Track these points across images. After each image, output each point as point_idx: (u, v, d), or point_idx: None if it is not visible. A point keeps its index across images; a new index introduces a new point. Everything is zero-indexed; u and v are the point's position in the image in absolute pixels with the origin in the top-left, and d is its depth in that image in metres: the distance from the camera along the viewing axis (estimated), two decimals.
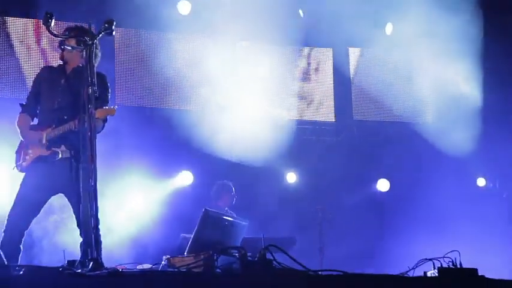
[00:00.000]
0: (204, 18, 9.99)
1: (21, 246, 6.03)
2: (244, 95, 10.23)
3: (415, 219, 9.50)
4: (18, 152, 6.18)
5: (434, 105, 11.09)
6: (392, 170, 10.56)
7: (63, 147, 5.99)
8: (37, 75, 6.41)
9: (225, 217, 6.19)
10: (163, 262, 5.81)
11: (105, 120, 6.06)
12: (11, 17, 9.57)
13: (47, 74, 6.32)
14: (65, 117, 6.00)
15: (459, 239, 8.42)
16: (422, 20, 10.22)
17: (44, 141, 6.03)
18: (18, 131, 6.21)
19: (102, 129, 5.99)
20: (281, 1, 10.04)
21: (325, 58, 11.03)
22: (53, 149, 6.01)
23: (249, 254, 5.34)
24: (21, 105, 6.32)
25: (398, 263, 6.07)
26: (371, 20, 10.76)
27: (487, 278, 5.55)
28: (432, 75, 10.99)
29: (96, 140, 5.22)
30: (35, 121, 6.30)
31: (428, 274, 5.55)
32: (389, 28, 10.88)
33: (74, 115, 5.87)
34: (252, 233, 6.74)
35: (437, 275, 5.47)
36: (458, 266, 5.53)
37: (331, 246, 8.98)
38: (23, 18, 9.58)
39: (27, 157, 6.09)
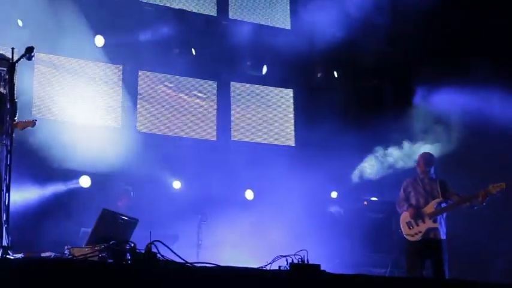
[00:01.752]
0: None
1: None
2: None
3: (274, 223, 9.64)
4: None
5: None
6: (257, 182, 10.69)
7: None
8: None
9: (120, 215, 6.15)
10: (65, 251, 5.72)
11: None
12: None
13: None
14: None
15: (307, 239, 8.64)
16: None
17: None
18: None
19: None
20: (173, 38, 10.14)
21: (211, 89, 11.12)
22: None
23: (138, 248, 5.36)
24: None
25: (260, 257, 6.15)
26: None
27: (326, 272, 5.77)
28: None
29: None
30: None
31: (282, 268, 5.69)
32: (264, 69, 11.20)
33: None
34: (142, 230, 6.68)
35: (289, 269, 5.64)
36: (306, 262, 5.70)
37: (208, 243, 9.01)
38: None
39: None
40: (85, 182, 9.60)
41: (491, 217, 9.46)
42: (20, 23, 9.14)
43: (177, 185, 10.26)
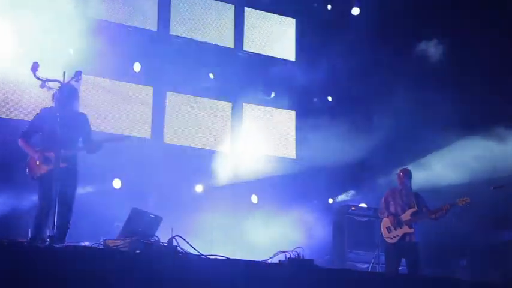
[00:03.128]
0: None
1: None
2: None
3: (275, 223, 9.61)
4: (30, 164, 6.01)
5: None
6: (262, 188, 10.60)
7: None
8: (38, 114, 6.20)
9: (147, 213, 6.17)
10: (100, 242, 5.74)
11: None
12: None
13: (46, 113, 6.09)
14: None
15: (303, 238, 8.64)
16: None
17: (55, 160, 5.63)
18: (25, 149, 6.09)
19: None
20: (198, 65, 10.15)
21: (227, 109, 11.13)
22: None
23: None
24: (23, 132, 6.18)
25: (261, 252, 6.16)
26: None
27: (319, 266, 5.79)
28: None
29: None
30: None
31: (282, 262, 5.69)
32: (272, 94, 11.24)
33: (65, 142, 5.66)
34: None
35: (287, 263, 5.64)
36: (302, 257, 5.70)
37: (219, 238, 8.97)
38: None
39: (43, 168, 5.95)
40: (117, 184, 9.65)
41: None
42: (71, 51, 9.18)
43: (199, 188, 10.24)
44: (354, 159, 10.66)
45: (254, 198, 10.65)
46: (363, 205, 10.22)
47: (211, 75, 10.63)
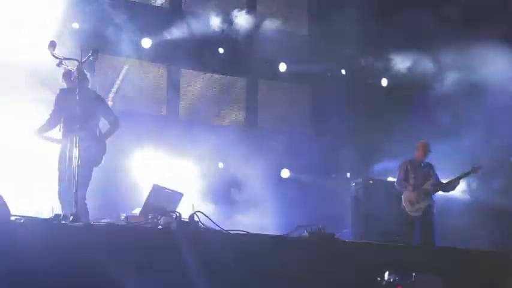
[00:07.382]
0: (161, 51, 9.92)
1: None
2: None
3: (299, 197, 9.58)
4: None
5: None
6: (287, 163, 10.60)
7: None
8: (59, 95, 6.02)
9: (168, 190, 6.18)
10: (122, 218, 5.79)
11: None
12: None
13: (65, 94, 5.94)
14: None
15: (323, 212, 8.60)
16: None
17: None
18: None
19: None
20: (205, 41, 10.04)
21: (242, 84, 11.09)
22: None
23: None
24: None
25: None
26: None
27: (340, 240, 5.81)
28: None
29: None
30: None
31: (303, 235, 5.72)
32: (282, 67, 11.08)
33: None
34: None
35: (308, 236, 5.66)
36: (322, 231, 5.71)
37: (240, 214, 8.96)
38: None
39: None
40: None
41: None
42: (76, 25, 9.02)
43: (221, 165, 10.18)
44: None
45: (285, 173, 10.47)
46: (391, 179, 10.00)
47: (220, 50, 10.50)
